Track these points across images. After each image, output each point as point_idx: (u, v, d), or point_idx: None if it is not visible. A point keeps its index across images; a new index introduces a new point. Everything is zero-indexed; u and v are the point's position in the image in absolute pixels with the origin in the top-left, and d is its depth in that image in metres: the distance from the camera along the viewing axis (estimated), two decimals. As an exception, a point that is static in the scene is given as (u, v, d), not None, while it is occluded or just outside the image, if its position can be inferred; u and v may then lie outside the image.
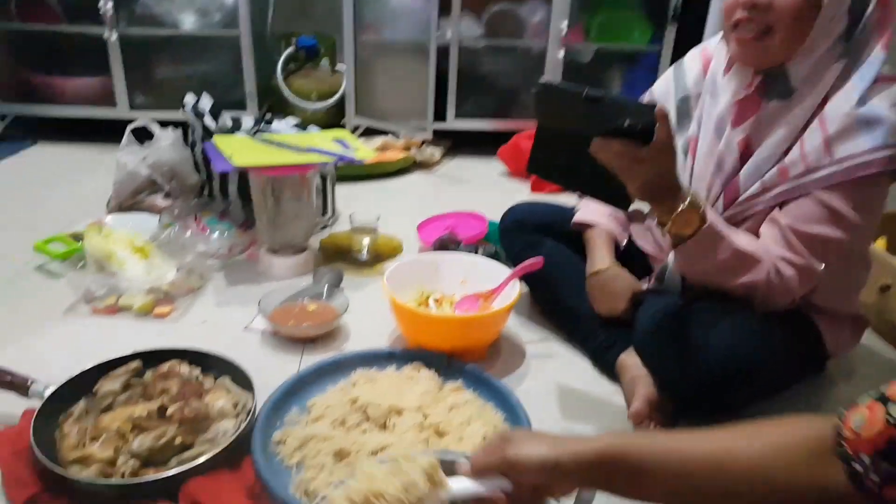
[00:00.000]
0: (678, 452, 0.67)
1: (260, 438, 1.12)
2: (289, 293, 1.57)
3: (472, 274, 1.52)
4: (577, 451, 0.68)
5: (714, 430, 0.68)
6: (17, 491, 1.02)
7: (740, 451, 0.65)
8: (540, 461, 0.68)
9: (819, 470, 0.61)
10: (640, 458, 0.67)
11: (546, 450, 0.69)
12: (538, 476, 0.69)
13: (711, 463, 0.65)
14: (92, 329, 1.50)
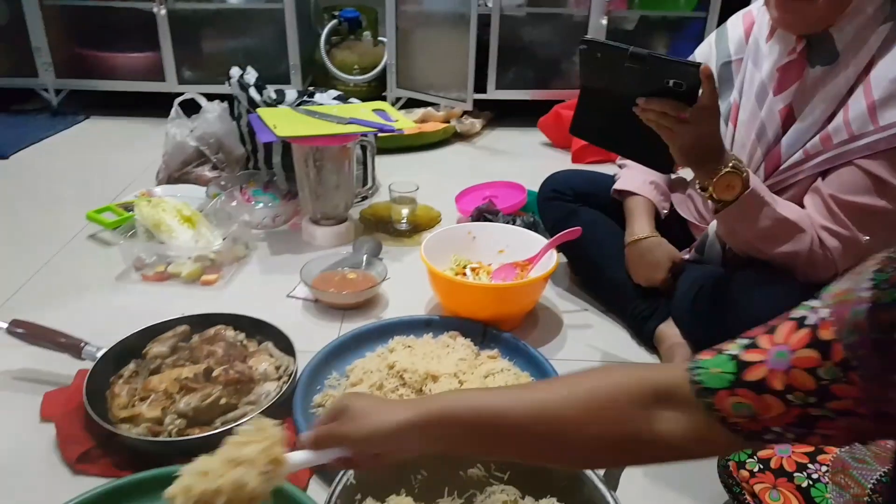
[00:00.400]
0: (496, 407, 0.66)
1: (301, 401, 1.16)
2: (330, 262, 1.60)
3: (510, 244, 1.52)
4: (403, 419, 0.67)
5: (535, 383, 0.67)
6: (71, 447, 1.08)
7: (559, 401, 0.64)
8: (367, 436, 0.68)
9: (638, 416, 0.60)
10: (459, 418, 0.66)
11: (373, 426, 0.68)
12: (369, 447, 0.70)
13: (528, 416, 0.64)
14: (141, 295, 1.56)
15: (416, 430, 0.67)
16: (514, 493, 0.95)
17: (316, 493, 0.99)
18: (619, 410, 0.61)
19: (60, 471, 1.06)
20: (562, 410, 0.63)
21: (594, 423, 0.62)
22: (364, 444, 0.69)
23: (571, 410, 0.63)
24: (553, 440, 0.64)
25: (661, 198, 1.43)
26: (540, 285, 1.42)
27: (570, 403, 0.63)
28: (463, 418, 0.67)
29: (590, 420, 0.62)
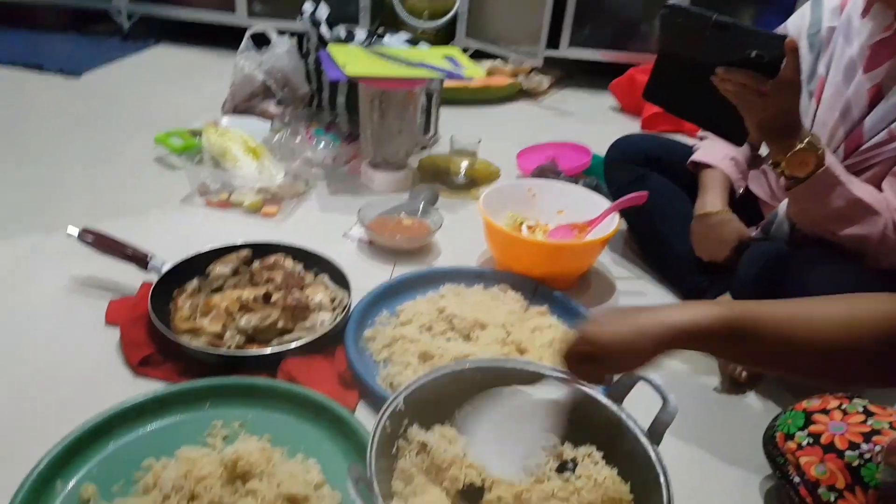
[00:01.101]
0: (783, 317, 0.70)
1: (353, 333, 1.19)
2: (386, 206, 1.61)
3: (570, 204, 1.51)
4: (695, 320, 0.70)
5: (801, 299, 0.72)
6: (133, 351, 1.13)
7: (821, 315, 0.69)
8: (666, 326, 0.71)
9: None
10: (754, 323, 0.69)
11: (654, 325, 0.72)
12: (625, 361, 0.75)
13: (800, 326, 0.68)
14: (205, 219, 1.61)
15: (704, 334, 0.70)
16: (553, 438, 0.96)
17: (364, 418, 1.02)
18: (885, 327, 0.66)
19: (122, 372, 1.11)
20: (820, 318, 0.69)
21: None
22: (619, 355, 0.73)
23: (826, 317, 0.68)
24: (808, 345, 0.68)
25: (739, 175, 1.39)
26: (597, 248, 1.41)
27: (828, 312, 0.69)
28: (749, 327, 0.70)
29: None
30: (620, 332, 0.72)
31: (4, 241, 1.43)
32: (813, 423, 0.88)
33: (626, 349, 0.72)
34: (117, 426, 0.96)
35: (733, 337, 0.70)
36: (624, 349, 0.72)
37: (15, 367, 1.11)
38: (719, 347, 0.73)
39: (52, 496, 0.86)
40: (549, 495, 0.89)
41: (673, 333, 0.70)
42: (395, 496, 0.86)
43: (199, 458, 0.89)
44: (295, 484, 0.86)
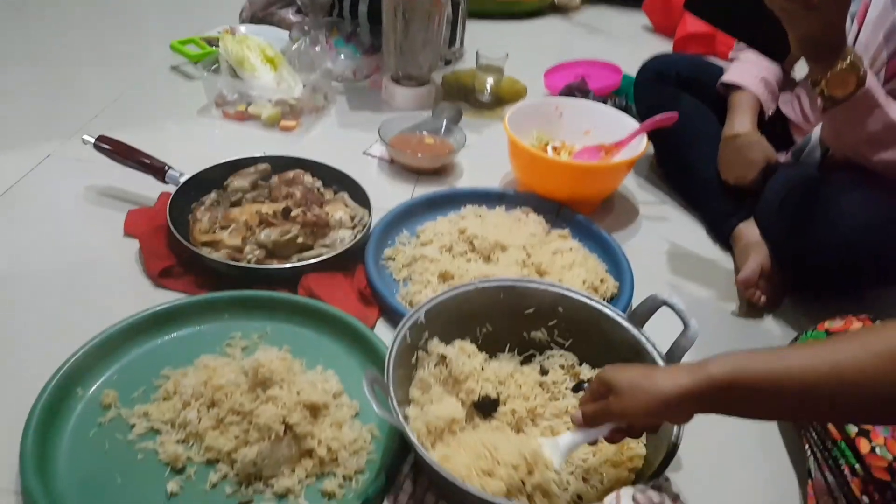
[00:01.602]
0: (795, 371, 0.62)
1: (373, 251, 1.18)
2: (408, 124, 1.57)
3: (598, 125, 1.46)
4: (686, 386, 0.65)
5: (826, 341, 0.65)
6: (154, 262, 1.13)
7: (850, 359, 0.61)
8: (646, 408, 0.67)
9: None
10: (755, 382, 0.63)
11: (650, 395, 0.67)
12: (649, 419, 0.72)
13: (831, 377, 0.61)
14: (222, 131, 1.58)
15: (695, 398, 0.65)
16: (572, 358, 0.97)
17: (383, 335, 1.02)
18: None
19: (143, 283, 1.12)
20: (855, 366, 0.60)
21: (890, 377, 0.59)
22: (642, 418, 0.70)
23: (866, 365, 0.60)
24: (846, 397, 0.61)
25: (770, 97, 1.35)
26: (623, 170, 1.37)
27: (863, 358, 0.60)
28: (748, 384, 0.63)
29: (885, 374, 0.59)
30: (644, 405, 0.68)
31: (20, 149, 1.42)
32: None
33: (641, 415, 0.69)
34: (137, 335, 0.97)
35: (733, 397, 0.64)
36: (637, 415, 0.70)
37: (35, 277, 1.11)
38: (714, 409, 0.67)
39: (73, 402, 0.88)
40: (563, 412, 0.90)
41: (666, 403, 0.66)
42: (412, 402, 0.87)
43: (218, 367, 0.90)
44: (314, 392, 0.87)
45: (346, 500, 0.81)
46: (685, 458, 0.91)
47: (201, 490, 0.80)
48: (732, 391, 0.64)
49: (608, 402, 0.70)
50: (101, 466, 0.81)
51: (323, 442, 0.84)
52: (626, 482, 0.81)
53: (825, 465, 0.82)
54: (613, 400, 0.70)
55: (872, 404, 0.61)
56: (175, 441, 0.84)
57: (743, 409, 0.66)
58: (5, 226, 1.21)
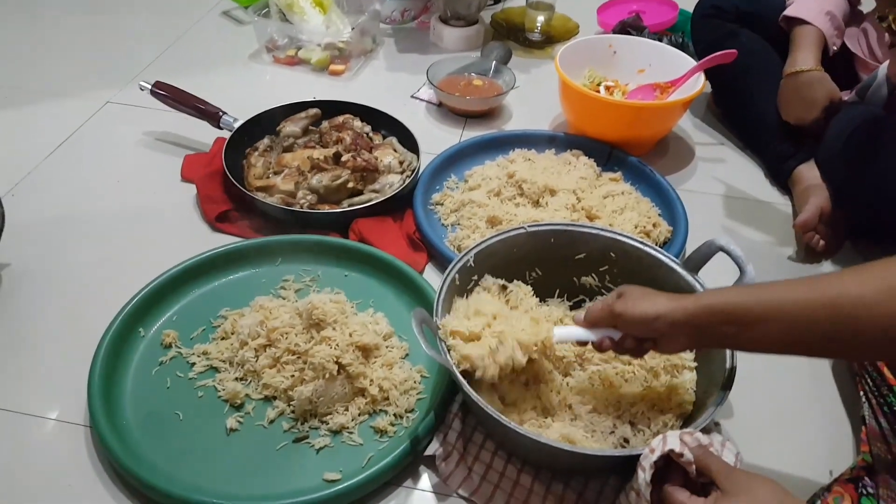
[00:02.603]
0: (786, 300, 0.64)
1: (421, 196, 1.19)
2: (457, 66, 1.55)
3: (653, 63, 1.41)
4: (683, 307, 0.69)
5: (822, 275, 0.65)
6: (211, 207, 1.15)
7: (849, 290, 0.61)
8: (642, 315, 0.71)
9: None
10: (744, 308, 0.66)
11: (649, 305, 0.71)
12: (640, 328, 0.73)
13: (820, 307, 0.62)
14: (272, 76, 1.59)
15: (691, 321, 0.69)
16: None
17: (432, 279, 1.03)
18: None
19: (200, 227, 1.15)
20: (848, 295, 0.61)
21: (884, 306, 0.59)
22: (637, 324, 0.73)
23: (858, 294, 0.60)
24: (845, 328, 0.61)
25: (835, 32, 1.27)
26: (679, 110, 1.33)
27: (858, 286, 0.61)
28: (745, 314, 0.66)
29: (885, 302, 0.59)
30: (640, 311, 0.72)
31: (79, 97, 1.46)
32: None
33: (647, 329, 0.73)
34: (195, 277, 1.01)
35: (718, 324, 0.67)
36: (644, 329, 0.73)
37: (97, 221, 1.16)
38: (708, 336, 0.70)
39: (135, 342, 0.92)
40: (612, 357, 0.90)
41: (661, 317, 0.70)
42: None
43: (273, 308, 0.93)
44: (366, 334, 0.89)
45: (398, 437, 0.83)
46: (736, 405, 0.91)
47: (259, 426, 0.84)
48: (723, 317, 0.67)
49: (613, 303, 0.75)
50: (164, 403, 0.86)
51: (375, 381, 0.86)
52: (673, 428, 0.81)
53: (879, 410, 0.81)
54: (618, 301, 0.74)
55: (869, 338, 0.61)
56: (234, 379, 0.88)
57: (733, 337, 0.68)
58: (68, 171, 1.26)
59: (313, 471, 0.79)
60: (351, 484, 0.77)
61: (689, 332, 0.71)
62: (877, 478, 0.75)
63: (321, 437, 0.83)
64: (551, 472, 0.81)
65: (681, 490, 0.65)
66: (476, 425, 0.85)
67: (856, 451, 0.86)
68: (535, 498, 0.79)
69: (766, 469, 0.83)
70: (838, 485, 0.76)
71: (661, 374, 0.87)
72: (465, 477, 0.80)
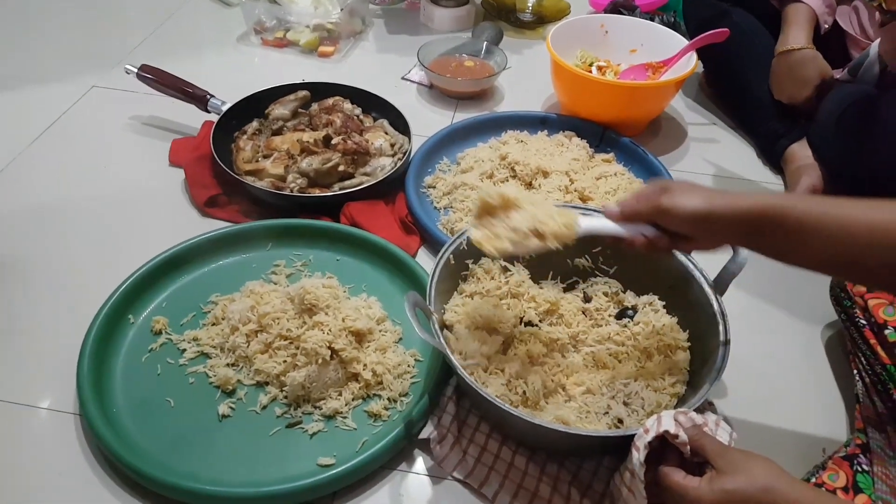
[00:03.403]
0: (842, 217, 0.61)
1: (413, 179, 1.18)
2: (447, 46, 1.54)
3: (645, 43, 1.40)
4: (735, 205, 0.64)
5: (882, 200, 0.61)
6: (200, 191, 1.14)
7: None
8: (693, 210, 0.66)
9: None
10: (800, 218, 0.62)
11: (701, 201, 0.66)
12: (688, 226, 0.68)
13: (875, 230, 0.59)
14: (261, 58, 1.57)
15: (742, 218, 0.64)
16: (616, 286, 0.96)
17: (425, 263, 1.02)
18: None
19: (189, 212, 1.14)
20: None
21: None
22: (686, 222, 0.67)
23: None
24: (891, 253, 0.59)
25: (826, 10, 1.27)
26: (671, 90, 1.32)
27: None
28: (803, 223, 0.62)
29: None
30: (693, 207, 0.66)
31: (64, 81, 1.43)
32: (886, 266, 0.84)
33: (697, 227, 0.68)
34: (184, 263, 0.99)
35: (765, 229, 0.64)
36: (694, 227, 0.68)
37: (84, 207, 1.14)
38: (753, 240, 0.66)
39: (124, 329, 0.91)
40: (605, 338, 0.90)
41: (713, 212, 0.65)
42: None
43: (265, 293, 0.92)
44: (359, 318, 0.88)
45: (392, 421, 0.83)
46: (729, 385, 0.91)
47: (252, 412, 0.84)
48: (779, 222, 0.63)
49: (659, 196, 0.69)
50: (155, 390, 0.85)
51: (368, 366, 0.86)
52: (667, 408, 0.81)
53: (873, 388, 0.81)
54: (665, 197, 0.68)
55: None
56: (225, 364, 0.87)
57: (782, 246, 0.64)
58: (54, 157, 1.24)
59: (307, 456, 0.79)
60: (345, 468, 0.76)
61: (736, 233, 0.66)
62: (871, 455, 0.75)
63: (314, 422, 0.82)
64: (546, 454, 0.81)
65: (676, 470, 0.65)
66: (470, 408, 0.85)
67: (850, 429, 0.87)
68: (530, 480, 0.79)
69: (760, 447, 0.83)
70: (833, 462, 0.76)
71: (654, 355, 0.87)
72: (460, 460, 0.80)
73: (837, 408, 0.90)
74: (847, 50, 1.30)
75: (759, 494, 0.59)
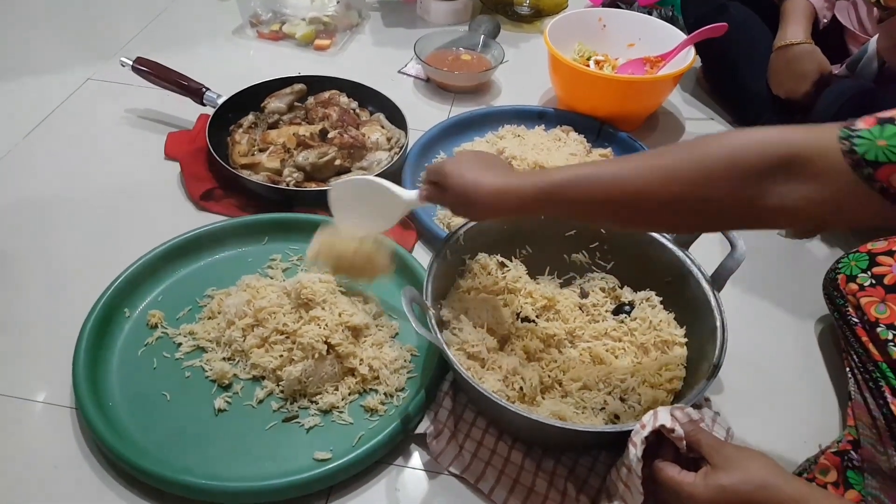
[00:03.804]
0: (617, 179, 0.64)
1: (410, 173, 1.17)
2: (444, 40, 1.53)
3: (643, 37, 1.40)
4: (521, 188, 0.68)
5: (659, 151, 0.64)
6: (195, 185, 1.13)
7: (679, 169, 0.61)
8: (494, 189, 0.69)
9: (752, 188, 0.57)
10: (578, 190, 0.65)
11: (494, 180, 0.69)
12: (466, 208, 0.73)
13: (649, 185, 0.62)
14: (257, 52, 1.56)
15: (531, 202, 0.68)
16: (613, 281, 0.96)
17: (422, 258, 1.02)
18: (731, 181, 0.58)
19: (184, 205, 1.13)
20: (673, 172, 0.61)
21: (703, 188, 0.59)
22: (461, 202, 0.71)
23: (683, 172, 0.60)
24: (657, 203, 0.62)
25: (825, 4, 1.26)
26: (669, 84, 1.32)
27: (682, 166, 0.60)
28: (573, 190, 0.66)
29: (700, 184, 0.59)
30: (470, 179, 0.70)
31: (59, 73, 1.42)
32: (877, 265, 0.85)
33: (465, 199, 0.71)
34: (180, 257, 0.99)
35: (550, 204, 0.68)
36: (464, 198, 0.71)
37: (79, 201, 1.13)
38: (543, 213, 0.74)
39: (120, 323, 0.91)
40: (602, 334, 0.90)
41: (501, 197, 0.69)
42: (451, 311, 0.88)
43: (261, 287, 0.92)
44: (356, 314, 0.88)
45: (388, 415, 0.83)
46: (725, 381, 0.91)
47: (248, 406, 0.83)
48: (557, 199, 0.66)
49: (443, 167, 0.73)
50: (150, 384, 0.85)
51: (364, 361, 0.86)
52: (664, 404, 0.81)
53: (865, 386, 0.81)
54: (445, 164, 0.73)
55: (670, 210, 0.62)
56: (221, 359, 0.87)
57: (569, 215, 0.74)
58: (49, 150, 1.23)
59: (304, 450, 0.79)
60: (342, 463, 0.76)
61: (523, 211, 0.70)
62: (862, 451, 0.75)
63: (311, 416, 0.82)
64: (542, 449, 0.81)
65: (671, 465, 0.65)
66: (467, 403, 0.85)
67: (842, 426, 0.87)
68: (526, 475, 0.79)
69: (755, 443, 0.84)
70: (825, 457, 0.76)
71: (651, 351, 0.87)
72: (457, 454, 0.80)
73: (831, 403, 0.91)
74: (846, 45, 1.29)
75: (755, 491, 0.59)
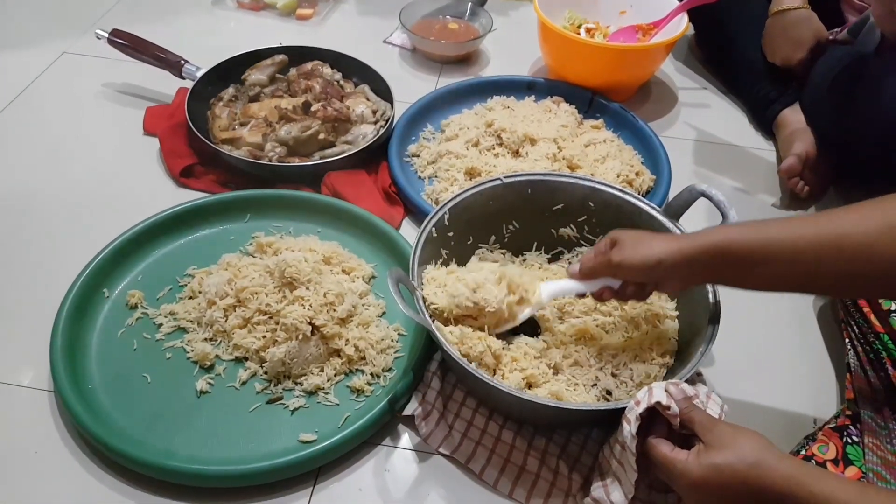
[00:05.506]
0: (789, 239, 0.63)
1: (396, 148, 1.14)
2: (431, 8, 1.49)
3: (635, 4, 1.36)
4: (682, 249, 0.68)
5: (824, 212, 0.63)
6: (175, 160, 1.10)
7: (853, 229, 0.61)
8: (642, 262, 0.70)
9: None
10: (748, 248, 0.65)
11: (648, 251, 0.70)
12: (642, 276, 0.72)
13: (823, 246, 0.61)
14: (237, 23, 1.52)
15: (688, 260, 0.68)
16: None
17: (409, 234, 1.00)
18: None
19: (164, 182, 1.10)
20: (852, 234, 0.60)
21: (886, 245, 0.58)
22: (637, 272, 0.71)
23: (863, 232, 0.59)
24: (850, 267, 0.61)
25: None
26: (661, 52, 1.29)
27: (861, 224, 0.60)
28: (741, 251, 0.65)
29: (883, 242, 0.58)
30: (641, 258, 0.70)
31: (33, 48, 1.38)
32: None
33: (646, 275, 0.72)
34: (159, 235, 0.96)
35: (717, 265, 0.67)
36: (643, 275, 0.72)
37: (56, 179, 1.10)
38: (708, 276, 0.72)
39: (99, 304, 0.88)
40: (592, 309, 0.88)
41: (661, 261, 0.69)
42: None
43: (243, 266, 0.90)
44: (342, 293, 0.86)
45: (375, 396, 0.81)
46: (718, 355, 0.89)
47: (231, 388, 0.82)
48: (726, 257, 0.66)
49: (610, 253, 0.73)
50: (131, 366, 0.83)
51: (350, 341, 0.84)
52: (656, 378, 0.80)
53: (865, 358, 0.80)
54: (615, 251, 0.72)
55: (868, 276, 0.61)
56: (203, 339, 0.85)
57: (735, 277, 0.68)
58: (23, 127, 1.19)
59: (288, 432, 0.77)
60: (327, 444, 0.75)
61: (690, 274, 0.70)
62: (861, 426, 0.74)
63: (296, 397, 0.81)
64: (533, 428, 0.80)
65: (664, 442, 0.64)
66: (456, 383, 0.83)
67: (840, 399, 0.86)
68: (518, 454, 0.78)
69: (749, 418, 0.82)
70: (823, 433, 0.75)
71: (642, 325, 0.86)
72: (446, 435, 0.79)
73: (828, 378, 0.89)
74: (841, 10, 1.26)
75: (747, 469, 0.58)
